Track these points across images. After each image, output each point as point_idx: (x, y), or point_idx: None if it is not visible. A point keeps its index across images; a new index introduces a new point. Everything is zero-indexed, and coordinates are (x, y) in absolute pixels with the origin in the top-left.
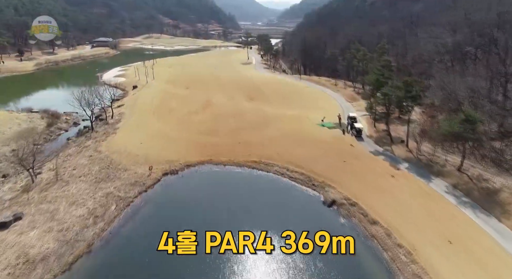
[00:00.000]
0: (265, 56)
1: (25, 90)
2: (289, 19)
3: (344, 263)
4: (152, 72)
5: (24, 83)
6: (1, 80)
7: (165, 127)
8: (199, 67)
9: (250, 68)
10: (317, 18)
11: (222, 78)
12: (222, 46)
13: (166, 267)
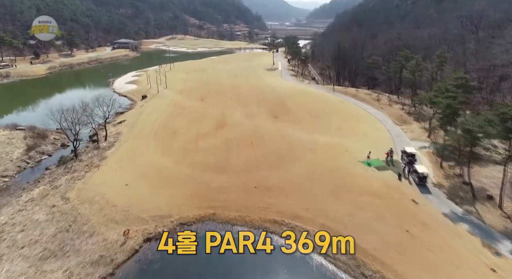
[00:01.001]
0: (292, 61)
1: (23, 99)
2: (318, 19)
3: None
4: (165, 80)
5: (28, 90)
6: (6, 85)
7: (163, 158)
8: (219, 73)
9: (275, 76)
10: (350, 19)
11: (243, 88)
12: (247, 48)
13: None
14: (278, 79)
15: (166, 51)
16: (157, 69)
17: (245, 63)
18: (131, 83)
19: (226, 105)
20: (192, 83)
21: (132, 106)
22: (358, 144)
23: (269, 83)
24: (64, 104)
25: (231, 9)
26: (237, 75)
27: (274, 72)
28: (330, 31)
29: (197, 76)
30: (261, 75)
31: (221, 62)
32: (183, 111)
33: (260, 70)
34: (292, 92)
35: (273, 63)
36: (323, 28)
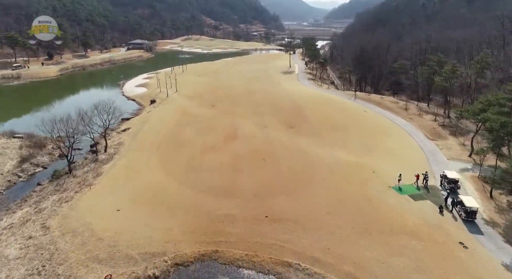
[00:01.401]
0: (310, 64)
1: (30, 102)
2: (337, 19)
3: None
4: (176, 83)
5: (36, 93)
6: (16, 87)
7: (164, 177)
8: (232, 77)
9: (291, 79)
10: (372, 19)
11: (257, 93)
12: (263, 49)
13: None
14: (295, 83)
15: (180, 52)
16: (169, 71)
17: (261, 66)
18: (141, 86)
19: (237, 113)
20: (203, 87)
21: (140, 111)
22: (387, 164)
23: (285, 88)
24: (68, 108)
25: (248, 9)
26: (251, 78)
27: (291, 75)
28: (350, 31)
29: (210, 79)
30: (277, 79)
31: (236, 64)
32: (190, 119)
33: (276, 73)
34: (309, 99)
35: (290, 66)
36: (342, 28)
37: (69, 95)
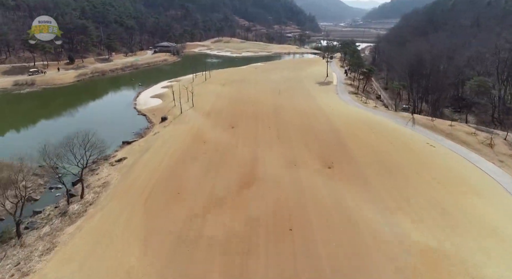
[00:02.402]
0: (350, 72)
1: (29, 116)
2: (376, 20)
3: None
4: (193, 95)
5: (41, 103)
6: (24, 95)
7: (141, 257)
8: (260, 87)
9: (329, 93)
10: (424, 20)
11: (286, 111)
12: (297, 53)
13: None
14: (334, 98)
15: (209, 55)
16: (191, 78)
17: (293, 73)
18: (156, 97)
19: (261, 139)
20: (224, 100)
21: (147, 131)
22: (487, 256)
23: (322, 106)
24: (57, 130)
25: (283, 10)
26: (281, 90)
27: (328, 87)
28: (396, 33)
29: (233, 90)
30: (312, 92)
31: (265, 71)
32: (201, 148)
33: (311, 84)
34: (353, 123)
35: (327, 75)
36: (383, 29)
37: (74, 108)
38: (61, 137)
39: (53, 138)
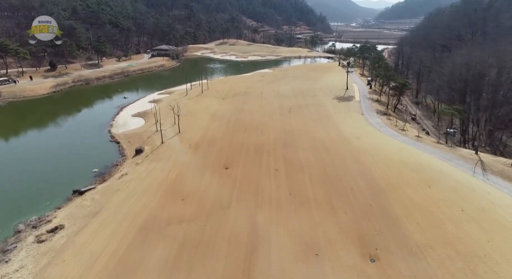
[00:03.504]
0: (374, 83)
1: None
2: (390, 20)
3: None
4: (185, 112)
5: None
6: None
7: None
8: (266, 103)
9: (352, 113)
10: (455, 20)
11: (299, 145)
12: (308, 57)
13: None
14: (360, 122)
15: (212, 59)
16: (186, 89)
17: (306, 84)
18: (139, 116)
19: (265, 197)
20: (221, 124)
21: (113, 171)
22: None
23: (347, 135)
24: None
25: (293, 10)
26: (291, 108)
27: (350, 104)
28: (422, 35)
29: (234, 107)
30: (330, 111)
31: (273, 80)
32: (175, 213)
33: (328, 100)
34: (396, 169)
35: (347, 87)
36: (397, 29)
37: (34, 129)
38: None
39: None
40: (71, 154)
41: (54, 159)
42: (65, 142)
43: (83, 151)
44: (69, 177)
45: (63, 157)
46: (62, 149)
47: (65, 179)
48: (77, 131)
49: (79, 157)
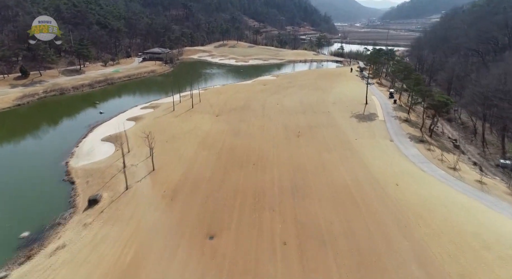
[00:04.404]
0: (399, 97)
1: None
2: (395, 20)
3: None
4: (169, 135)
5: None
6: None
7: None
8: (269, 122)
9: (378, 139)
10: (485, 18)
11: (314, 188)
12: (314, 61)
13: None
14: (390, 154)
15: (209, 64)
16: (175, 102)
17: (315, 96)
18: (109, 141)
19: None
20: (211, 154)
21: (44, 240)
22: None
23: (378, 177)
24: None
25: (296, 10)
26: (299, 128)
27: (373, 125)
28: (441, 38)
29: (229, 128)
30: (350, 137)
31: (277, 90)
32: None
33: (345, 119)
34: (472, 253)
35: (366, 102)
36: (402, 30)
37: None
38: None
39: None
40: (10, 199)
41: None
42: (12, 178)
43: (21, 196)
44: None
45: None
46: (4, 189)
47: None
48: (24, 164)
49: (12, 207)
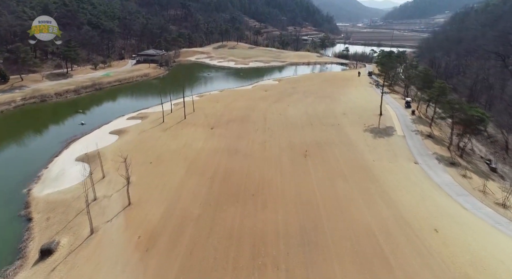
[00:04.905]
0: (416, 106)
1: None
2: (398, 21)
3: None
4: (154, 154)
5: None
6: None
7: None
8: (272, 136)
9: (402, 162)
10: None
11: (330, 239)
12: (318, 63)
13: None
14: (421, 183)
15: (208, 66)
16: (166, 111)
17: (323, 104)
18: (85, 162)
19: None
20: (201, 182)
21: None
22: None
23: (410, 219)
24: None
25: (298, 10)
26: (309, 151)
27: (392, 142)
28: (456, 39)
29: (224, 144)
30: (367, 157)
31: (280, 97)
32: None
33: (358, 133)
34: None
35: (381, 113)
36: (406, 30)
37: None
38: None
39: None
40: None
41: None
42: None
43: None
44: None
45: None
46: None
47: None
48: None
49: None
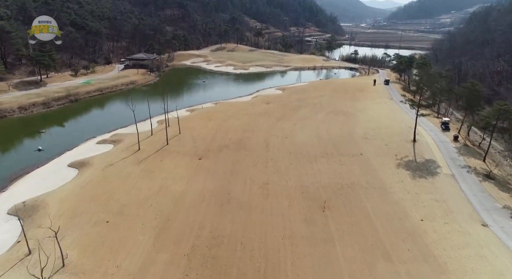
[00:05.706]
0: (457, 130)
1: None
2: (402, 21)
3: None
4: (116, 206)
5: None
6: None
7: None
8: (277, 174)
9: (461, 225)
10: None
11: None
12: (324, 67)
13: None
14: (501, 264)
15: (204, 71)
16: (147, 132)
17: (338, 123)
18: (19, 215)
19: None
20: (174, 260)
21: None
22: None
23: None
24: None
25: (301, 10)
26: (328, 202)
27: (439, 185)
28: (478, 41)
29: (213, 186)
30: (410, 213)
31: (285, 113)
32: None
33: (391, 173)
34: None
35: (414, 139)
36: (411, 31)
37: None
38: None
39: None
40: None
41: None
42: None
43: None
44: None
45: None
46: None
47: None
48: None
49: None
